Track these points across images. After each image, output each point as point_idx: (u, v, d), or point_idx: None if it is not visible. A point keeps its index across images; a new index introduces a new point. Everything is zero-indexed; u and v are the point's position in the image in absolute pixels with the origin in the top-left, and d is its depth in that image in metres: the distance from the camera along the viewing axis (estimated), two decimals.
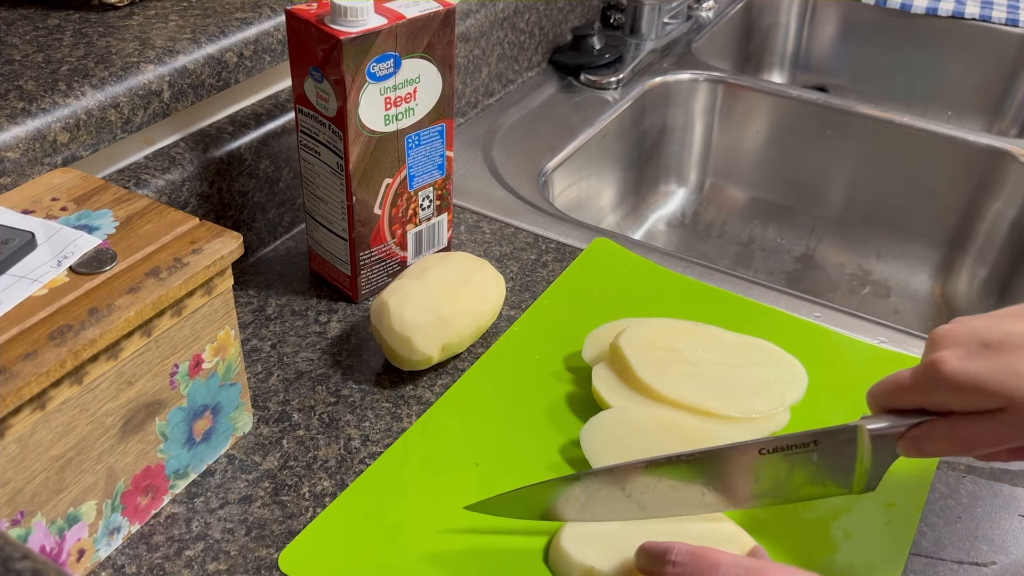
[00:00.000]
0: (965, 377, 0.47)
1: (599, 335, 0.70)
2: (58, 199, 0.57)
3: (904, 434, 0.51)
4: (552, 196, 0.99)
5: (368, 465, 0.61)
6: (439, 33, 0.69)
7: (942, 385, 0.48)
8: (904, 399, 0.51)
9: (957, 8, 1.35)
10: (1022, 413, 0.46)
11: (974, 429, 0.48)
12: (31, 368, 0.45)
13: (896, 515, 0.59)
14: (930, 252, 1.15)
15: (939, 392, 0.49)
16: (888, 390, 0.52)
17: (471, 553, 0.56)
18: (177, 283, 0.52)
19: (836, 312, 0.77)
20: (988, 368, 0.47)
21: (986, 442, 0.48)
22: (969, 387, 0.47)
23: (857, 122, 1.13)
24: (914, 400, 0.51)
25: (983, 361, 0.47)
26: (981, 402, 0.47)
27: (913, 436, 0.51)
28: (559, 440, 0.64)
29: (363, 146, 0.69)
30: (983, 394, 0.47)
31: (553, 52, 1.16)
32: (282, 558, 0.55)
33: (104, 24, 0.72)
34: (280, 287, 0.77)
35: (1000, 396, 0.46)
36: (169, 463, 0.58)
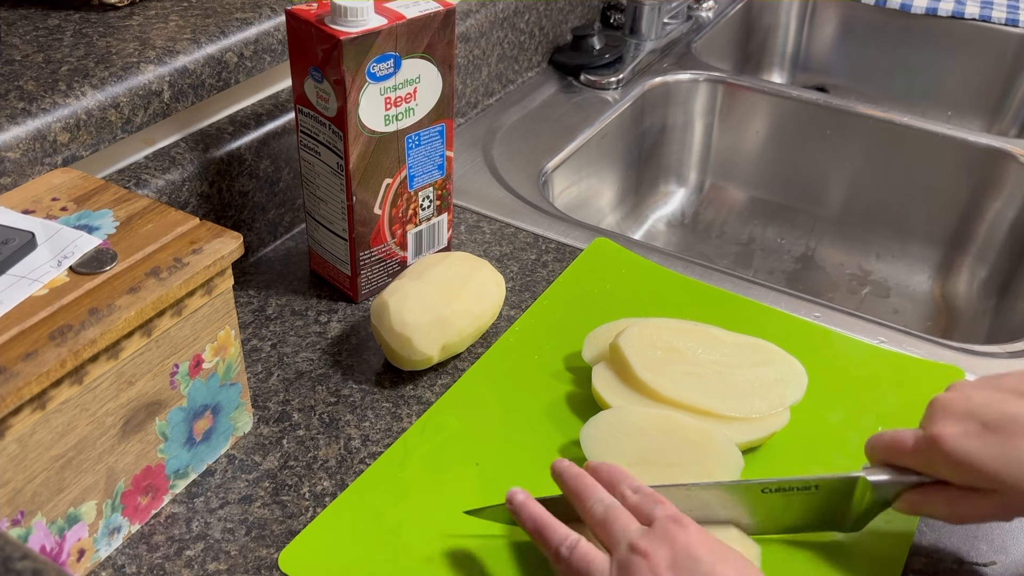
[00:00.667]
0: (962, 457, 0.49)
1: (599, 335, 0.70)
2: (58, 199, 0.57)
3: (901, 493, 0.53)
4: (552, 196, 0.99)
5: (368, 465, 0.61)
6: (439, 33, 0.69)
7: (940, 460, 0.50)
8: (903, 461, 0.53)
9: (957, 8, 1.35)
10: (1013, 497, 0.49)
11: (968, 505, 0.51)
12: (31, 368, 0.45)
13: (896, 515, 0.59)
14: (930, 252, 1.15)
15: (936, 465, 0.51)
16: (888, 449, 0.54)
17: (471, 553, 0.56)
18: (177, 283, 0.52)
19: (836, 312, 0.77)
20: (985, 451, 0.49)
21: (978, 517, 0.51)
22: (965, 467, 0.49)
23: (857, 122, 1.13)
24: (912, 465, 0.53)
25: (980, 442, 0.49)
26: (975, 481, 0.50)
27: (909, 499, 0.53)
28: (559, 440, 0.64)
29: (363, 146, 0.69)
30: (978, 475, 0.49)
31: (553, 52, 1.16)
32: (282, 558, 0.55)
33: (104, 24, 0.72)
34: (280, 287, 0.77)
35: (994, 479, 0.49)
36: (169, 463, 0.58)
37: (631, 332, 0.66)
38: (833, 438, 0.65)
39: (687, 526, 0.48)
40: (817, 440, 0.64)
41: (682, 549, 0.46)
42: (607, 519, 0.49)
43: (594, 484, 0.52)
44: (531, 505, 0.52)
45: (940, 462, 0.50)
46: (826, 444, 0.64)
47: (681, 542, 0.47)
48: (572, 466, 0.53)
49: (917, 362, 0.71)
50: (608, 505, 0.50)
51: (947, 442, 0.50)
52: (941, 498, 0.52)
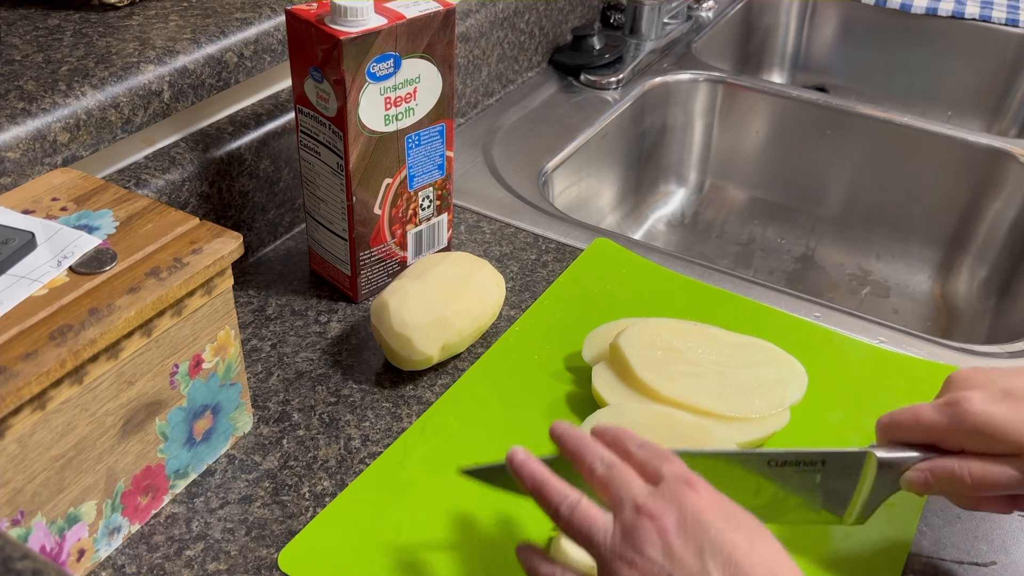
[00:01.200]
0: (987, 419, 0.49)
1: (599, 335, 0.70)
2: (58, 199, 0.57)
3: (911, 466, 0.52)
4: (552, 196, 0.99)
5: (368, 465, 0.61)
6: (439, 33, 0.69)
7: (963, 423, 0.50)
8: (920, 433, 0.52)
9: (957, 8, 1.35)
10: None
11: (985, 471, 0.50)
12: (31, 368, 0.45)
13: (896, 515, 0.59)
14: (930, 252, 1.15)
15: (958, 430, 0.50)
16: (904, 421, 0.53)
17: (471, 553, 0.56)
18: (177, 283, 0.52)
19: (836, 312, 0.77)
20: (1009, 414, 0.49)
21: (994, 486, 0.50)
22: (989, 429, 0.49)
23: (857, 122, 1.13)
24: (930, 435, 0.52)
25: (1005, 407, 0.49)
26: (996, 446, 0.49)
27: (921, 469, 0.52)
28: None
29: (363, 146, 0.69)
30: (1000, 438, 0.49)
31: (553, 52, 1.16)
32: (282, 557, 0.55)
33: (104, 24, 0.72)
34: (280, 287, 0.77)
35: (1016, 443, 0.48)
36: (169, 463, 0.58)
37: (631, 332, 0.66)
38: (833, 438, 0.65)
39: (697, 486, 0.45)
40: (817, 440, 0.64)
41: (692, 512, 0.43)
42: (609, 477, 0.46)
43: (596, 443, 0.49)
44: (531, 463, 0.48)
45: (963, 426, 0.50)
46: (826, 444, 0.64)
47: (691, 504, 0.44)
48: (573, 427, 0.50)
49: (917, 362, 0.71)
50: (610, 463, 0.47)
51: (972, 403, 0.49)
52: (955, 465, 0.50)
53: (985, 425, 0.49)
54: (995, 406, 0.49)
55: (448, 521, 0.57)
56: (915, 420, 0.52)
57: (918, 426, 0.52)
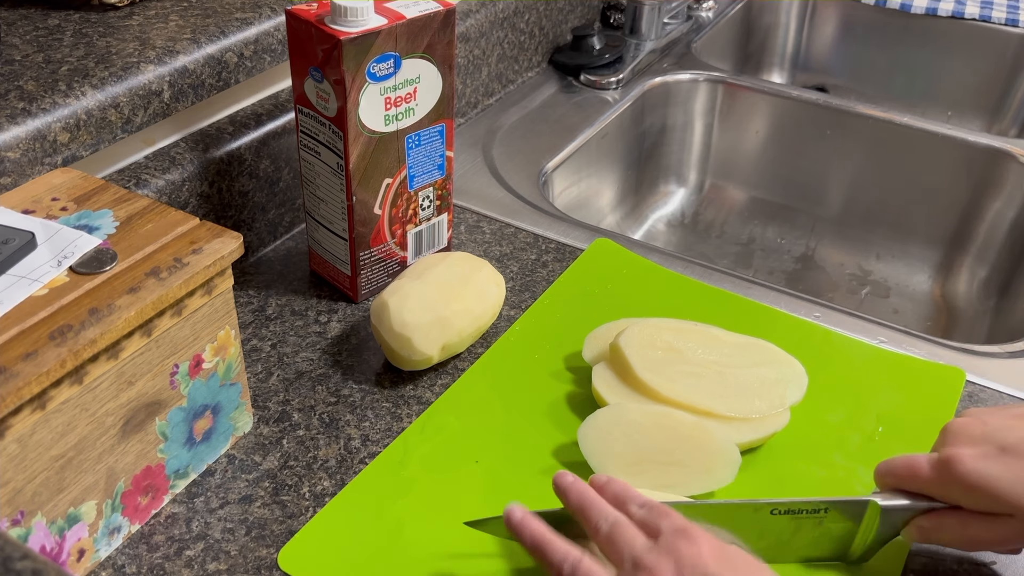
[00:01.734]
0: (979, 479, 0.48)
1: (599, 335, 0.70)
2: (58, 199, 0.57)
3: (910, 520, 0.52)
4: (552, 196, 0.99)
5: (368, 465, 0.61)
6: (439, 33, 0.69)
7: (956, 483, 0.49)
8: (916, 486, 0.52)
9: (957, 8, 1.35)
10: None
11: (983, 529, 0.50)
12: (31, 368, 0.45)
13: None
14: (930, 252, 1.15)
15: (952, 488, 0.50)
16: (901, 474, 0.53)
17: (470, 552, 0.56)
18: (177, 283, 0.52)
19: (836, 312, 0.77)
20: (1003, 474, 0.48)
21: (992, 543, 0.50)
22: (982, 490, 0.48)
23: (857, 122, 1.13)
24: (926, 489, 0.52)
25: (998, 465, 0.48)
26: (991, 505, 0.49)
27: (921, 526, 0.52)
28: (559, 439, 0.64)
29: (363, 146, 0.69)
30: (994, 499, 0.48)
31: (553, 52, 1.16)
32: (281, 556, 0.55)
33: (104, 24, 0.72)
34: (280, 287, 0.77)
35: (1011, 503, 0.48)
36: (169, 463, 0.58)
37: (631, 332, 0.66)
38: (833, 438, 0.65)
39: (695, 537, 0.46)
40: (817, 440, 0.64)
41: (688, 562, 0.44)
42: (613, 535, 0.47)
43: (600, 499, 0.50)
44: (530, 522, 0.49)
45: (956, 485, 0.49)
46: (826, 444, 0.64)
47: (688, 554, 0.45)
48: (577, 481, 0.51)
49: (917, 362, 0.71)
50: (614, 521, 0.48)
51: (964, 463, 0.49)
52: (954, 522, 0.51)
53: (979, 486, 0.49)
54: (989, 465, 0.48)
55: (448, 520, 0.57)
56: (910, 474, 0.52)
57: (914, 480, 0.52)
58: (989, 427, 0.50)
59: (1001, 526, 0.49)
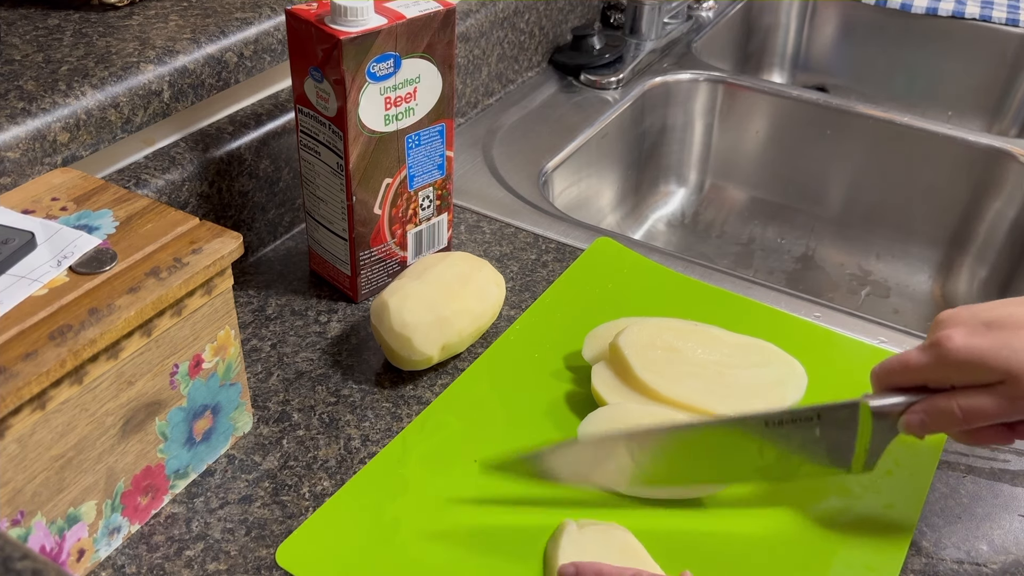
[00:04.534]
0: (968, 352, 0.50)
1: (599, 334, 0.70)
2: (58, 199, 0.57)
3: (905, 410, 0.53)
4: (552, 196, 0.99)
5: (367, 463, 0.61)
6: (439, 33, 0.69)
7: (947, 360, 0.51)
8: (909, 376, 0.53)
9: (957, 8, 1.35)
10: (1019, 386, 0.49)
11: (973, 401, 0.51)
12: (31, 368, 0.45)
13: (894, 517, 0.59)
14: (930, 252, 1.15)
15: (943, 367, 0.52)
16: (894, 367, 0.54)
17: (467, 550, 0.56)
18: (177, 283, 0.52)
19: (836, 312, 0.77)
20: (989, 344, 0.50)
21: (984, 415, 0.51)
22: (971, 361, 0.50)
23: (857, 122, 1.13)
24: (919, 376, 0.53)
25: (985, 338, 0.50)
26: (982, 375, 0.50)
27: (914, 410, 0.53)
28: (558, 438, 0.64)
29: (363, 146, 0.69)
30: (984, 367, 0.50)
31: (553, 52, 1.16)
32: (279, 552, 0.55)
33: (104, 24, 0.72)
34: (280, 287, 0.77)
35: (999, 370, 0.49)
36: (169, 463, 0.58)
37: (631, 332, 0.66)
38: None
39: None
40: None
41: None
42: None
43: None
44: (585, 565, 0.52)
45: (947, 363, 0.51)
46: None
47: None
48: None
49: None
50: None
51: (953, 340, 0.51)
52: (945, 401, 0.52)
53: (967, 358, 0.50)
54: (975, 338, 0.50)
55: (446, 518, 0.58)
56: (903, 364, 0.54)
57: (907, 369, 0.53)
58: (975, 309, 0.52)
59: (993, 394, 0.50)
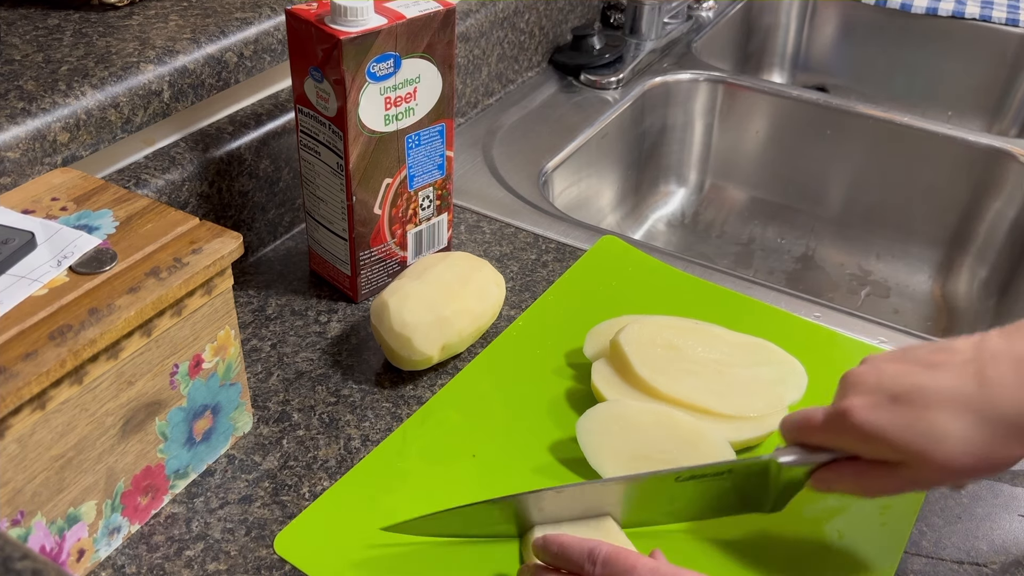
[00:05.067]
0: (871, 429, 0.49)
1: (600, 331, 0.70)
2: (58, 199, 0.57)
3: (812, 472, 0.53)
4: (552, 196, 0.99)
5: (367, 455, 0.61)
6: (439, 33, 0.69)
7: (849, 433, 0.50)
8: (814, 438, 0.53)
9: (957, 8, 1.35)
10: (919, 468, 0.48)
11: (877, 478, 0.51)
12: (31, 368, 0.45)
13: (891, 517, 0.59)
14: (930, 252, 1.15)
15: (846, 438, 0.51)
16: (800, 427, 0.54)
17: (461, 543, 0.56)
18: (177, 283, 0.52)
19: (836, 312, 0.77)
20: (893, 422, 0.48)
21: (887, 490, 0.51)
22: (874, 438, 0.49)
23: (857, 122, 1.13)
24: (823, 441, 0.53)
25: (889, 414, 0.49)
26: (884, 453, 0.50)
27: (821, 477, 0.53)
28: (557, 434, 0.64)
29: (363, 146, 0.69)
30: (886, 446, 0.49)
31: (553, 52, 1.16)
32: (277, 541, 0.56)
33: (104, 24, 0.72)
34: (280, 287, 0.77)
35: (901, 450, 0.48)
36: (169, 463, 0.58)
37: (631, 329, 0.66)
38: None
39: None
40: None
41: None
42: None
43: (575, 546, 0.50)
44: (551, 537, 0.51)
45: (849, 435, 0.50)
46: None
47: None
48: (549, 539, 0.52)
49: None
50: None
51: (856, 414, 0.49)
52: (851, 472, 0.51)
53: (871, 436, 0.49)
54: (879, 415, 0.49)
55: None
56: (807, 427, 0.53)
57: (811, 433, 0.53)
58: (883, 375, 0.51)
59: (896, 473, 0.50)
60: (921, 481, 0.50)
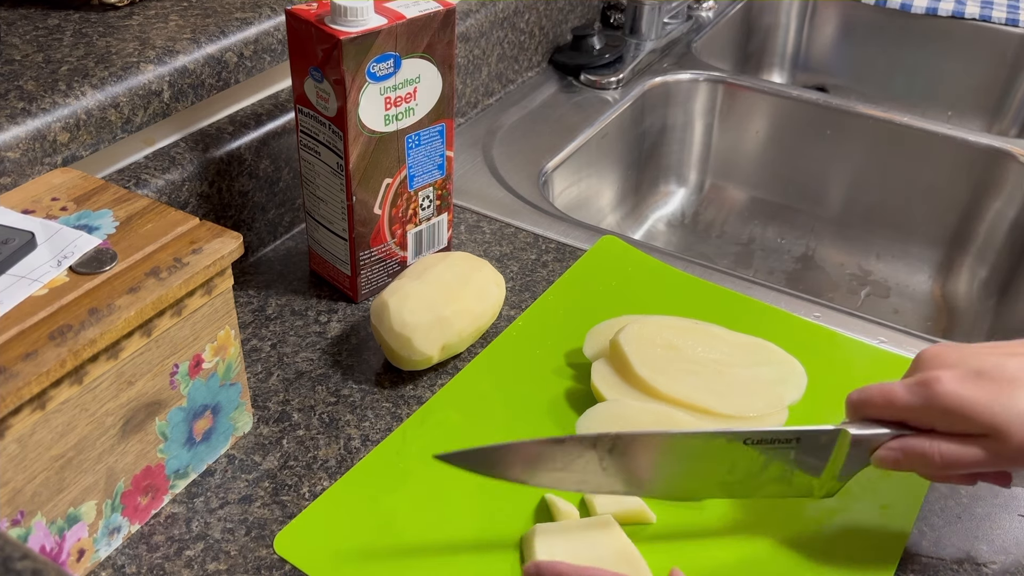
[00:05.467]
0: (958, 399, 0.48)
1: (600, 331, 0.70)
2: (58, 199, 0.57)
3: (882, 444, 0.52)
4: (552, 196, 0.99)
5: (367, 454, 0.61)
6: (439, 33, 0.69)
7: (934, 404, 0.49)
8: (892, 411, 0.52)
9: (957, 8, 1.35)
10: (1002, 443, 0.48)
11: (954, 450, 0.49)
12: (31, 368, 0.45)
13: (890, 517, 0.59)
14: (930, 252, 1.15)
15: (929, 410, 0.50)
16: (877, 402, 0.52)
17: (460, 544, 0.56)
18: (177, 283, 0.52)
19: (836, 312, 0.77)
20: (980, 395, 0.48)
21: (962, 464, 0.50)
22: (960, 410, 0.48)
23: (857, 122, 1.13)
24: (902, 414, 0.51)
25: (975, 387, 0.48)
26: (967, 426, 0.49)
27: (892, 447, 0.52)
28: (556, 434, 0.64)
29: (363, 146, 0.69)
30: (970, 419, 0.48)
31: (553, 52, 1.16)
32: (277, 541, 0.56)
33: (104, 24, 0.72)
34: (280, 287, 0.77)
35: (987, 424, 0.48)
36: (169, 463, 0.58)
37: (631, 329, 0.66)
38: None
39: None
40: None
41: None
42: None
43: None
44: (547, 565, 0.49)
45: (935, 406, 0.49)
46: None
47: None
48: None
49: None
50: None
51: (944, 384, 0.49)
52: (925, 444, 0.50)
53: (956, 406, 0.48)
54: (966, 387, 0.49)
55: (443, 510, 0.58)
56: (887, 400, 0.52)
57: (890, 406, 0.52)
58: (964, 353, 0.51)
59: (974, 445, 0.49)
60: (998, 456, 0.49)
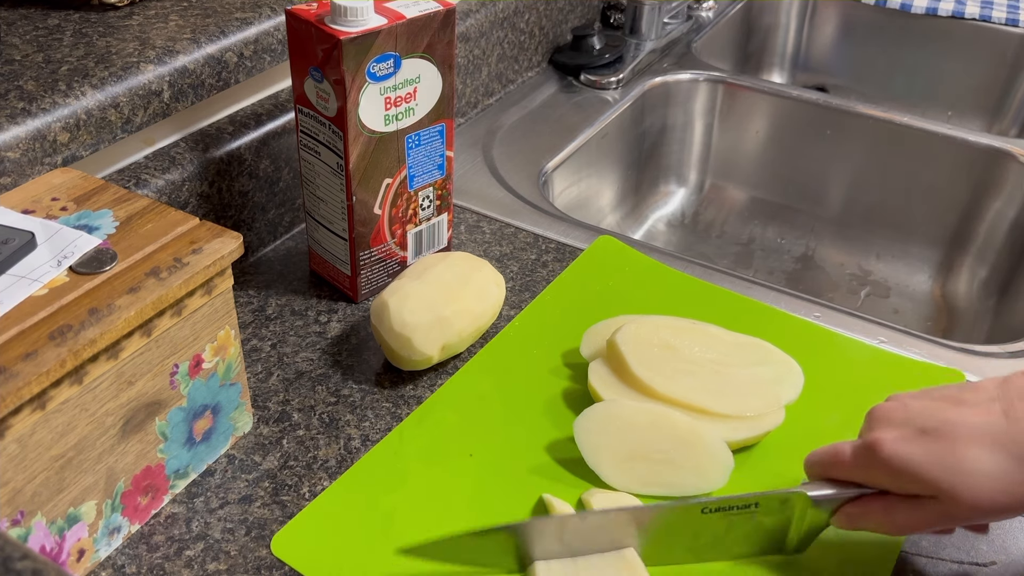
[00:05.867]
0: (901, 462, 0.49)
1: (598, 331, 0.70)
2: (58, 199, 0.57)
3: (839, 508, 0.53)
4: (552, 196, 0.99)
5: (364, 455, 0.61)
6: (439, 33, 0.69)
7: (879, 466, 0.50)
8: (842, 474, 0.53)
9: (957, 8, 1.35)
10: (951, 504, 0.48)
11: (906, 513, 0.50)
12: (31, 368, 0.45)
13: None
14: (930, 252, 1.15)
15: (875, 472, 0.50)
16: (827, 462, 0.53)
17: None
18: (177, 283, 0.52)
19: (836, 312, 0.77)
20: (925, 458, 0.48)
21: (916, 526, 0.51)
22: (904, 472, 0.49)
23: (857, 122, 1.13)
24: (851, 476, 0.52)
25: (921, 448, 0.48)
26: (913, 487, 0.49)
27: (848, 512, 0.53)
28: (554, 434, 0.64)
29: (363, 146, 0.69)
30: (916, 480, 0.49)
31: (553, 52, 1.16)
32: (274, 542, 0.56)
33: (104, 24, 0.72)
34: (280, 287, 0.77)
35: (933, 487, 0.48)
36: (169, 463, 0.58)
37: (628, 329, 0.66)
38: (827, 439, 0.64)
39: None
40: (812, 440, 0.64)
41: None
42: None
43: None
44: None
45: (879, 468, 0.50)
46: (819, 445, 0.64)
47: None
48: None
49: (917, 365, 0.71)
50: None
51: (885, 447, 0.49)
52: (879, 507, 0.51)
53: (902, 470, 0.49)
54: (909, 446, 0.49)
55: (441, 511, 0.58)
56: (835, 462, 0.53)
57: (839, 468, 0.52)
58: (911, 411, 0.50)
59: (925, 508, 0.49)
60: (950, 517, 0.49)
